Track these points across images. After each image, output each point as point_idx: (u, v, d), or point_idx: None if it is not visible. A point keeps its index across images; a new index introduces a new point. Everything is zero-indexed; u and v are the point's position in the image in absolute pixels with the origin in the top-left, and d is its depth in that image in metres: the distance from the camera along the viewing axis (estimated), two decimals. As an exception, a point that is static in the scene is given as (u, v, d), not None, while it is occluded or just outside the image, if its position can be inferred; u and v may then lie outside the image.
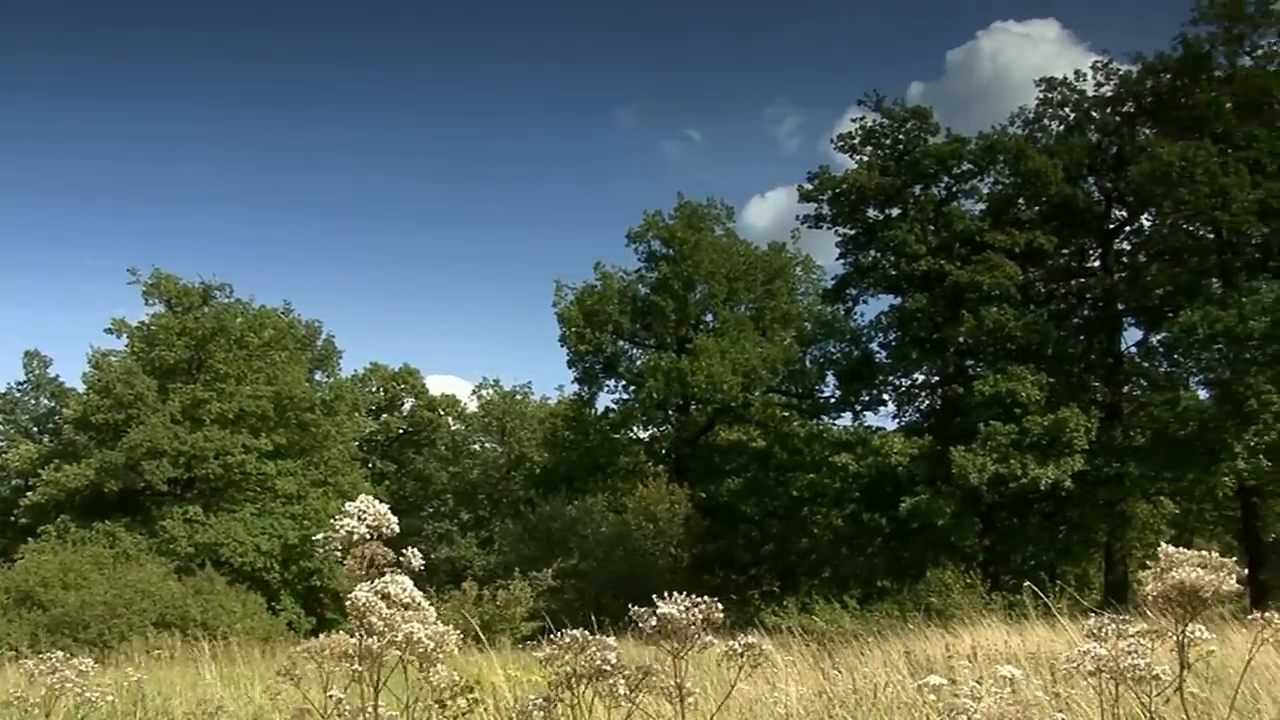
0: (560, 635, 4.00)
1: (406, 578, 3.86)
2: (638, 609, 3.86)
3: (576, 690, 3.94)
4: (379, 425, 68.95)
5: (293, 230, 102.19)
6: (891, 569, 41.34)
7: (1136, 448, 36.29)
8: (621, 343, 53.37)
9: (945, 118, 42.70)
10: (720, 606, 3.81)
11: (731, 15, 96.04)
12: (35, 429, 59.27)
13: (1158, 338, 38.67)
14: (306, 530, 44.85)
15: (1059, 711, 6.06)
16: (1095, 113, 39.86)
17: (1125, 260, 40.97)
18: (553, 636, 4.03)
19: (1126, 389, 39.94)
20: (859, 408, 43.13)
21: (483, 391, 70.00)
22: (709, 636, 3.83)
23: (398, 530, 3.95)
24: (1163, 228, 38.54)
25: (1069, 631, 11.78)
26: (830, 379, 45.00)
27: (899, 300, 41.31)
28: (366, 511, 3.90)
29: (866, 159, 42.01)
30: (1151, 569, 3.79)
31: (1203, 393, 36.93)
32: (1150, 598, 3.79)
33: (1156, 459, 35.53)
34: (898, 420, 42.81)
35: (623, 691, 3.87)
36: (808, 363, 46.76)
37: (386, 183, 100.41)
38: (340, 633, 3.95)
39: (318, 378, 57.33)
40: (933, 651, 14.18)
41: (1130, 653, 3.74)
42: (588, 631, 4.05)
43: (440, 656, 3.83)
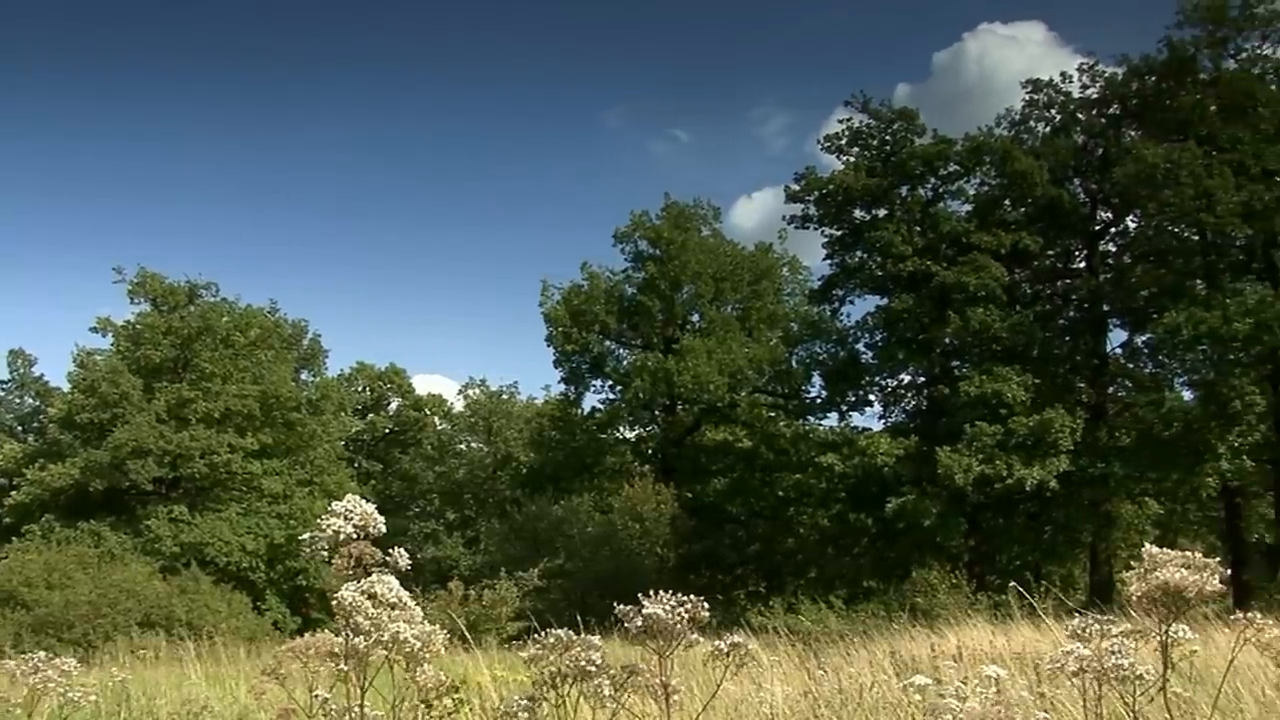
0: (545, 635, 4.00)
1: (393, 577, 3.86)
2: (623, 608, 3.86)
3: (561, 690, 3.94)
4: (365, 425, 68.85)
5: (280, 230, 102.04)
6: (877, 569, 41.36)
7: (1121, 448, 36.37)
8: (608, 343, 53.34)
9: (931, 119, 42.71)
10: (706, 606, 3.81)
11: (718, 16, 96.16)
12: (20, 428, 59.11)
13: (1142, 339, 38.86)
14: (292, 530, 44.75)
15: (1043, 711, 6.07)
16: (1081, 114, 39.95)
17: (1110, 262, 41.10)
18: (538, 636, 4.02)
19: (1111, 390, 40.05)
20: (845, 408, 43.17)
21: (469, 391, 70.02)
22: (695, 635, 3.83)
23: (384, 530, 3.95)
24: (1148, 229, 38.64)
25: (1054, 632, 11.80)
26: (816, 379, 45.03)
27: (885, 301, 41.36)
28: (353, 511, 3.89)
29: (853, 160, 42.03)
30: (1136, 569, 3.80)
31: (1187, 394, 37.14)
32: (1134, 598, 3.80)
33: (1141, 460, 35.64)
34: (884, 421, 42.88)
35: (607, 692, 3.87)
36: (794, 363, 46.78)
37: (374, 182, 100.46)
38: (325, 632, 3.94)
39: (304, 377, 57.19)
40: (918, 651, 14.19)
41: (1114, 653, 3.76)
42: (573, 631, 4.05)
43: (426, 656, 3.83)
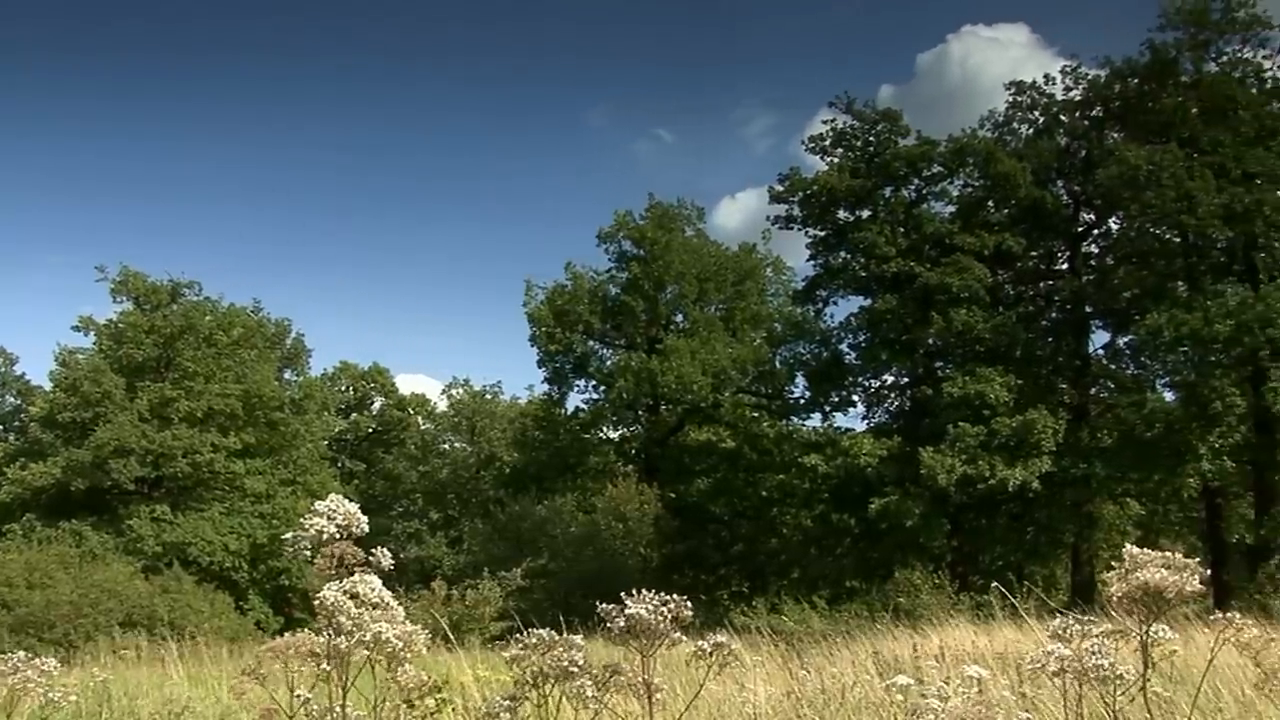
0: (527, 635, 3.99)
1: (375, 577, 3.86)
2: (606, 608, 3.86)
3: (543, 690, 3.94)
4: (348, 424, 68.76)
5: (263, 229, 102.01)
6: (860, 569, 41.39)
7: (1103, 449, 36.46)
8: (592, 343, 53.34)
9: (915, 120, 42.74)
10: (689, 606, 3.82)
11: (703, 16, 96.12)
12: (1, 427, 58.81)
13: (1124, 340, 38.96)
14: (275, 529, 44.65)
15: (1025, 711, 6.09)
16: (1064, 116, 40.05)
17: (1093, 263, 41.21)
18: (520, 636, 4.02)
19: (1094, 391, 40.16)
20: (828, 409, 43.15)
21: (452, 391, 69.97)
22: (678, 635, 3.83)
23: (367, 529, 3.94)
24: (1130, 231, 38.76)
25: (1036, 632, 11.84)
26: (800, 380, 45.03)
27: (869, 302, 41.38)
28: (336, 511, 3.89)
29: (837, 161, 42.06)
30: (1116, 570, 3.82)
31: (1168, 395, 37.22)
32: (1115, 598, 3.81)
33: (1123, 460, 35.74)
34: (867, 421, 42.85)
35: (590, 692, 3.87)
36: (777, 363, 46.80)
37: (358, 182, 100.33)
38: (306, 631, 3.94)
39: (287, 376, 57.09)
40: (901, 652, 14.21)
41: (1095, 653, 3.77)
42: (556, 631, 4.05)
43: (408, 656, 3.83)
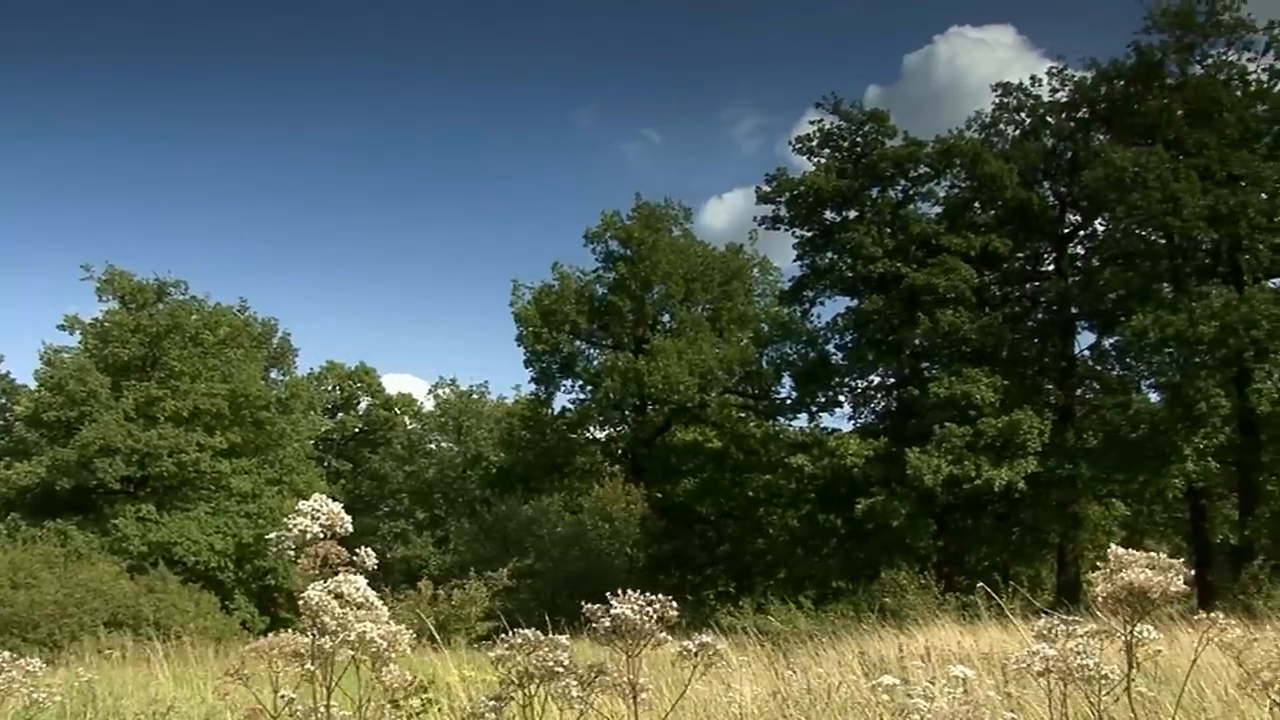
0: (513, 635, 3.99)
1: (360, 577, 3.85)
2: (592, 607, 3.86)
3: (528, 690, 3.94)
4: (335, 424, 68.66)
5: (250, 228, 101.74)
6: (846, 570, 41.41)
7: (1089, 450, 36.55)
8: (578, 343, 53.34)
9: (902, 121, 42.81)
10: (675, 605, 3.82)
11: (690, 17, 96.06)
12: (-15, 426, 58.55)
13: (1110, 341, 39.05)
14: (261, 529, 44.54)
15: (1010, 711, 6.10)
16: (1050, 118, 40.16)
17: (1079, 264, 41.33)
18: (506, 636, 4.02)
19: (1079, 391, 40.24)
20: (815, 409, 43.24)
21: (439, 391, 69.87)
22: (663, 635, 3.83)
23: (352, 529, 3.93)
24: (1116, 232, 38.87)
25: (1021, 632, 11.87)
26: (787, 380, 45.15)
27: (855, 302, 41.43)
28: (320, 510, 3.88)
29: (824, 161, 42.12)
30: (1101, 570, 3.83)
31: (1154, 396, 37.34)
32: (1100, 598, 3.82)
33: (1108, 461, 35.84)
34: (854, 422, 42.91)
35: (575, 692, 3.87)
36: (764, 364, 46.83)
37: (344, 181, 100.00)
38: (291, 631, 3.92)
39: (273, 376, 56.89)
40: (887, 652, 14.22)
41: (1079, 653, 3.78)
42: (543, 631, 4.04)
43: (393, 656, 3.82)
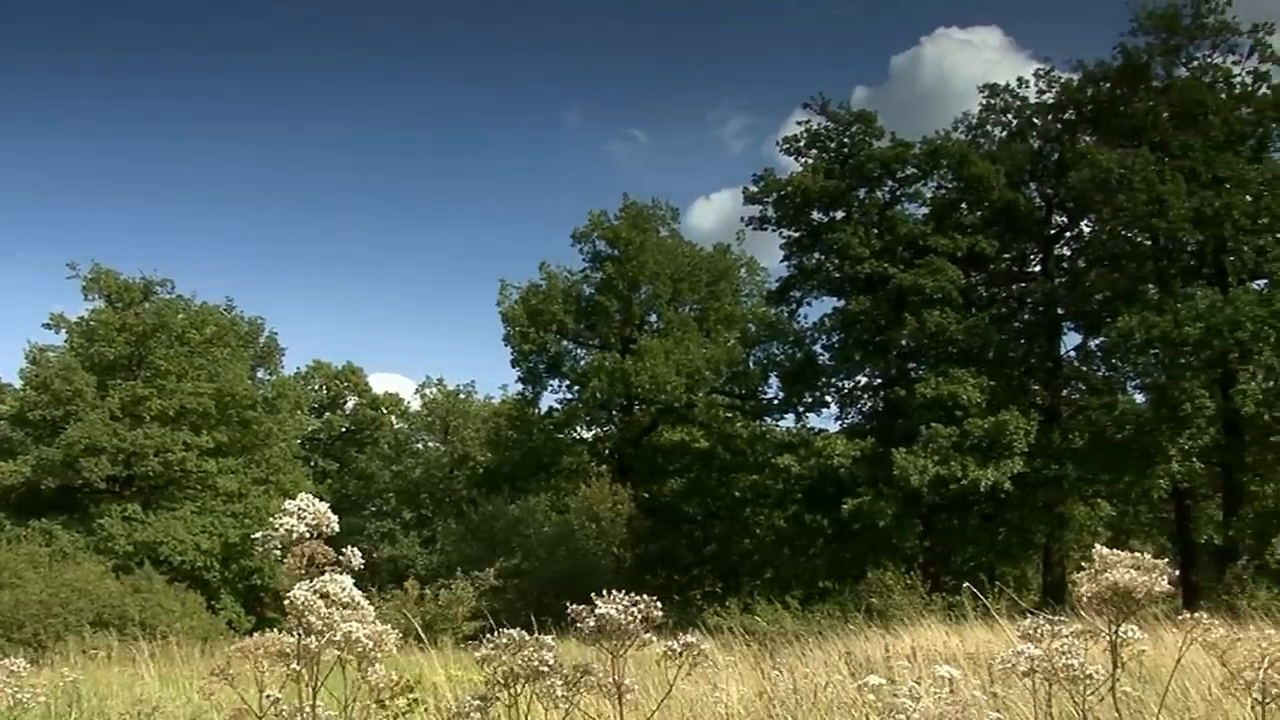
0: (498, 635, 3.98)
1: (346, 576, 3.84)
2: (577, 608, 3.86)
3: (514, 690, 3.94)
4: (321, 423, 68.45)
5: (237, 227, 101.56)
6: (833, 570, 41.44)
7: (1074, 450, 36.63)
8: (566, 342, 53.29)
9: (889, 122, 42.86)
10: (659, 605, 3.82)
11: (678, 17, 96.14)
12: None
13: (1096, 342, 39.11)
14: (247, 529, 44.39)
15: (996, 711, 6.12)
16: (1037, 119, 40.25)
17: (1065, 265, 41.42)
18: (491, 636, 4.01)
19: (1065, 392, 40.32)
20: (802, 409, 43.28)
21: (426, 390, 69.67)
22: (648, 635, 3.83)
23: (338, 529, 3.93)
24: (1102, 234, 38.98)
25: (1007, 632, 11.88)
26: (773, 380, 45.15)
27: (842, 302, 41.46)
28: (306, 510, 3.87)
29: (811, 162, 42.16)
30: (1086, 570, 3.84)
31: (1139, 397, 37.47)
32: (1085, 599, 3.83)
33: (1094, 461, 35.94)
34: (840, 422, 42.99)
35: (560, 692, 3.87)
36: (751, 364, 46.81)
37: (331, 180, 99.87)
38: (277, 631, 3.92)
39: (260, 375, 56.72)
40: (873, 652, 14.23)
41: (1065, 653, 3.79)
42: (529, 631, 4.04)
43: (379, 656, 3.81)
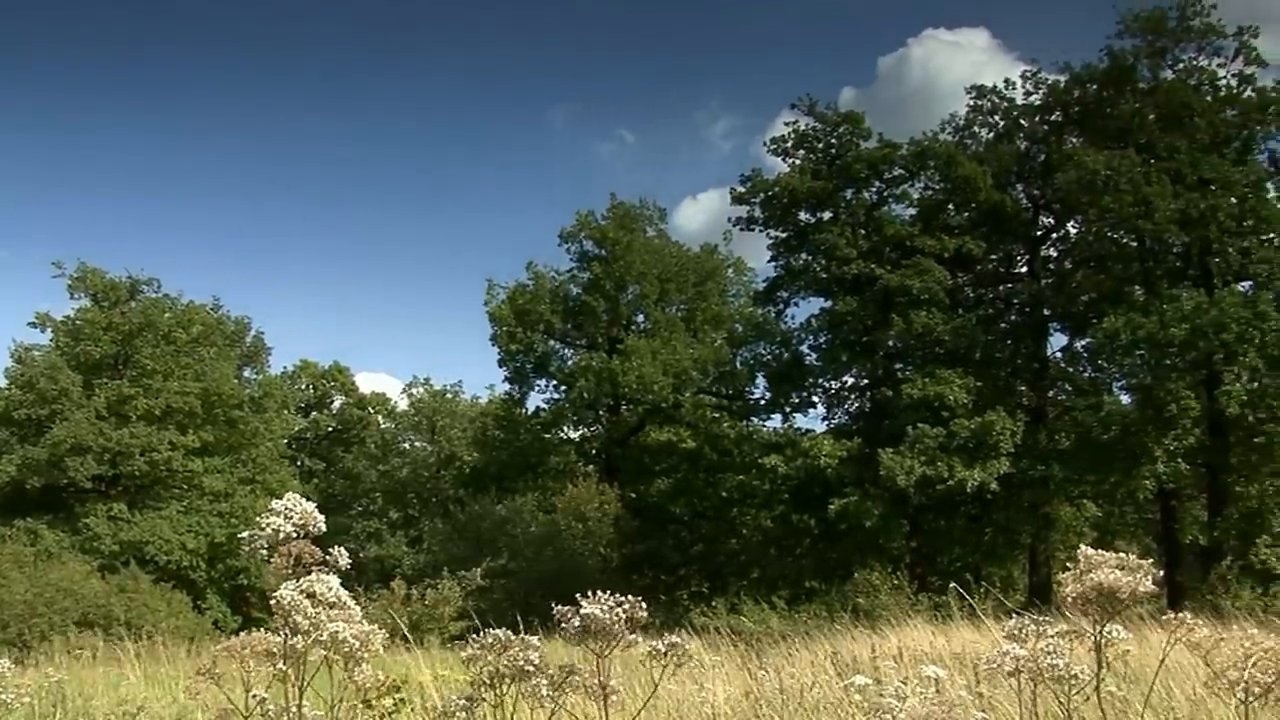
0: (484, 635, 3.98)
1: (333, 576, 3.84)
2: (561, 608, 3.86)
3: (500, 690, 3.93)
4: (308, 423, 68.35)
5: (223, 226, 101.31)
6: (819, 570, 41.44)
7: (1061, 451, 36.66)
8: (553, 342, 53.28)
9: (876, 123, 42.99)
10: (644, 605, 3.81)
11: (666, 17, 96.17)
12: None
13: (1082, 343, 39.17)
14: (233, 528, 44.31)
15: (982, 711, 6.13)
16: (1024, 121, 40.31)
17: (1052, 267, 41.46)
18: (476, 636, 4.01)
19: (1051, 393, 40.37)
20: (789, 409, 43.26)
21: (413, 390, 69.61)
22: (634, 635, 3.83)
23: (324, 528, 3.92)
24: (1088, 235, 39.06)
25: (992, 632, 11.91)
26: (760, 381, 45.07)
27: (829, 303, 41.41)
28: (292, 510, 3.87)
29: (799, 162, 42.13)
30: (1071, 571, 3.85)
31: (1125, 398, 37.52)
32: (1070, 599, 3.85)
33: (1080, 462, 35.99)
34: (827, 422, 42.94)
35: (545, 692, 3.87)
36: (738, 364, 46.75)
37: (318, 179, 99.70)
38: (263, 631, 3.91)
39: (246, 375, 56.57)
40: (859, 652, 14.25)
41: (1050, 653, 3.81)
42: (515, 631, 4.04)
43: (365, 656, 3.81)
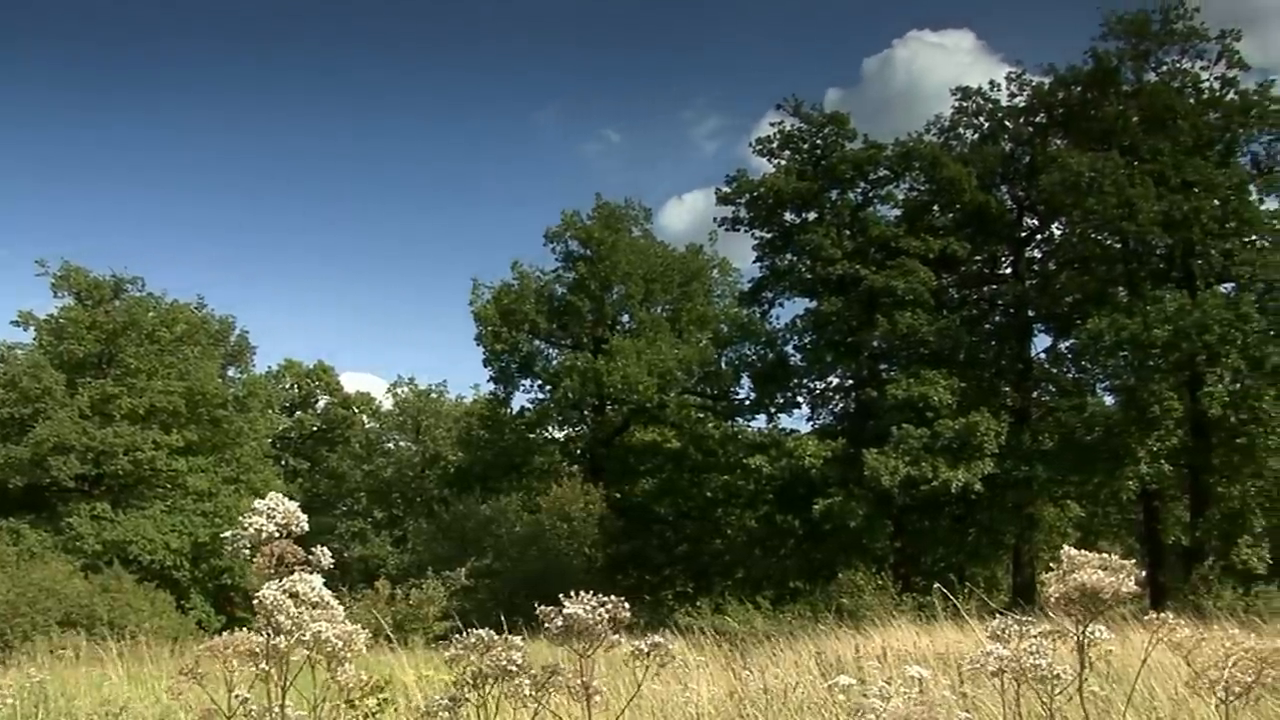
0: (467, 635, 3.98)
1: (316, 576, 3.83)
2: (544, 609, 3.85)
3: (483, 690, 3.93)
4: (293, 422, 68.18)
5: (208, 225, 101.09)
6: (804, 570, 41.47)
7: (1044, 452, 36.74)
8: (538, 342, 53.23)
9: (862, 124, 42.96)
10: (627, 606, 3.81)
11: (651, 18, 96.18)
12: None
13: (1066, 344, 39.26)
14: (217, 528, 44.14)
15: (965, 711, 6.15)
16: (1009, 122, 40.40)
17: (1036, 268, 41.57)
18: (460, 636, 4.01)
19: (1035, 394, 40.45)
20: (773, 410, 43.25)
21: (398, 389, 69.49)
22: (617, 636, 3.83)
23: (308, 528, 3.92)
24: (1072, 236, 39.19)
25: (976, 632, 11.94)
26: (745, 381, 45.11)
27: (814, 304, 41.42)
28: (276, 509, 3.86)
29: (784, 163, 42.15)
30: (1054, 571, 3.86)
31: (1108, 399, 37.60)
32: (1053, 599, 3.86)
33: (1063, 463, 36.07)
34: (812, 423, 42.94)
35: (528, 692, 3.86)
36: (723, 364, 46.75)
37: (303, 178, 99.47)
38: (246, 631, 3.90)
39: (231, 374, 56.42)
40: (843, 652, 14.27)
41: (1033, 653, 3.82)
42: (500, 631, 4.04)
43: (348, 656, 3.80)
